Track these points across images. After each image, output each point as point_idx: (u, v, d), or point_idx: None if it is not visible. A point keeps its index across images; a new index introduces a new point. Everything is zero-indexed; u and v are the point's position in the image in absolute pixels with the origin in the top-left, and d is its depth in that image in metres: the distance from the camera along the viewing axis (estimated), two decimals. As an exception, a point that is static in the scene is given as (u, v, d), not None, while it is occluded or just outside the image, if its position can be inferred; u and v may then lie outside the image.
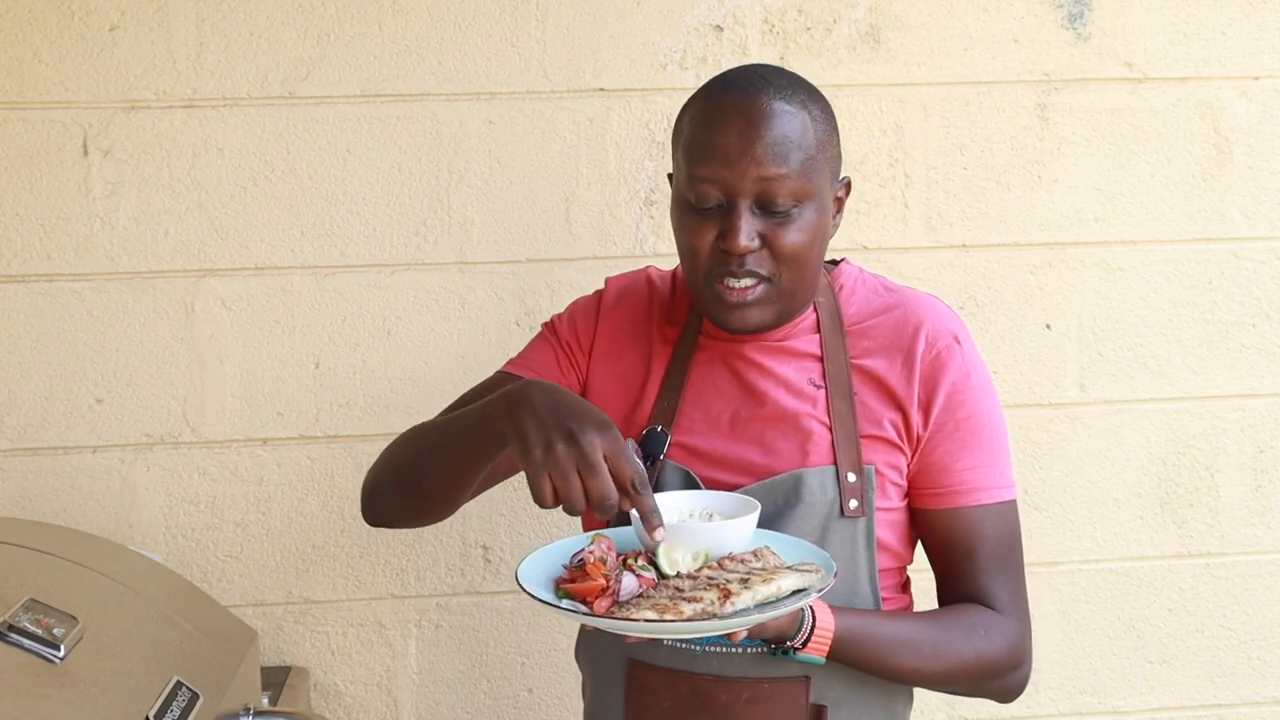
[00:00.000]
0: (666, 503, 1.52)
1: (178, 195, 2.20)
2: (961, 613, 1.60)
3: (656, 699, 1.58)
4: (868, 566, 1.58)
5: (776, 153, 1.50)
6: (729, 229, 1.51)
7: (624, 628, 1.36)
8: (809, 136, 1.53)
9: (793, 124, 1.52)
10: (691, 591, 1.38)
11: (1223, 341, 2.37)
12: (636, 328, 1.70)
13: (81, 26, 2.16)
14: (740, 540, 1.46)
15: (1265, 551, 2.41)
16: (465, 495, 1.60)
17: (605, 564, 1.42)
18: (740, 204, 1.51)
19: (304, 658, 2.28)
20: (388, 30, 2.20)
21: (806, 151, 1.52)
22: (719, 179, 1.51)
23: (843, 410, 1.59)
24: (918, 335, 1.60)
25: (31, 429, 2.21)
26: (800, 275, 1.55)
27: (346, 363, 2.24)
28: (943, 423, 1.59)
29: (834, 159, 1.58)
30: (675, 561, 1.43)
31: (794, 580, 1.40)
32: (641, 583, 1.41)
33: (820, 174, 1.54)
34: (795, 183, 1.51)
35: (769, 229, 1.52)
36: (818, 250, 1.56)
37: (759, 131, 1.50)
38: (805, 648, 1.49)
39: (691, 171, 1.53)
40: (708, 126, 1.53)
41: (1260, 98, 2.34)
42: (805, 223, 1.53)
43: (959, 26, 2.29)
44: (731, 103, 1.53)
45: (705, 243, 1.53)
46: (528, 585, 1.42)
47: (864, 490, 1.57)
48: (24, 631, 1.46)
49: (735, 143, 1.50)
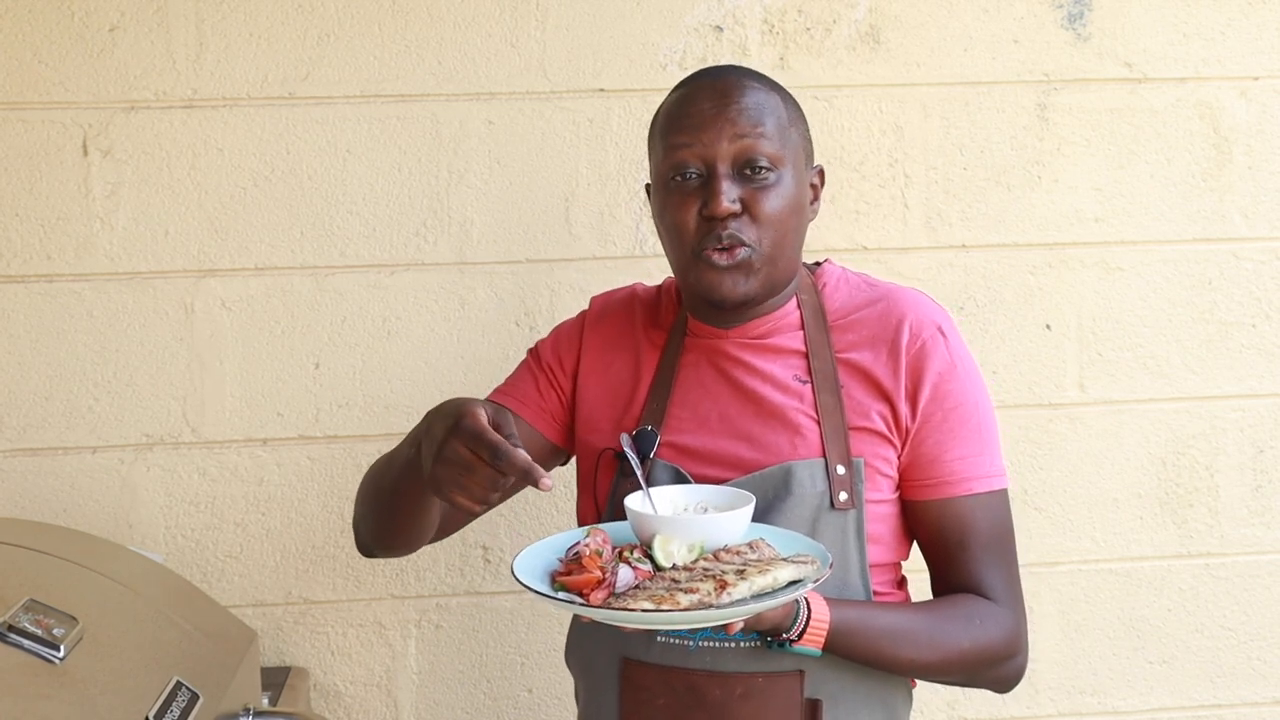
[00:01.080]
0: (661, 497, 1.53)
1: (178, 195, 2.20)
2: (957, 602, 1.60)
3: (651, 696, 1.58)
4: (859, 559, 1.58)
5: (751, 116, 1.57)
6: (710, 195, 1.56)
7: (620, 618, 1.36)
8: (780, 109, 1.60)
9: (764, 96, 1.60)
10: (688, 583, 1.38)
11: (1223, 341, 2.37)
12: (623, 338, 1.72)
13: (81, 26, 2.16)
14: (735, 533, 1.47)
15: (1265, 551, 2.41)
16: (432, 520, 1.62)
17: (601, 557, 1.43)
18: (719, 168, 1.56)
19: (304, 658, 2.28)
20: (388, 30, 2.20)
21: (779, 119, 1.59)
22: (695, 143, 1.57)
23: (829, 404, 1.59)
24: (901, 327, 1.61)
25: (31, 429, 2.21)
26: (780, 243, 1.58)
27: (346, 363, 2.24)
28: (931, 413, 1.59)
29: (805, 140, 1.64)
30: (671, 554, 1.44)
31: (790, 571, 1.40)
32: (637, 575, 1.41)
33: (794, 146, 1.60)
34: (771, 145, 1.57)
35: (748, 193, 1.56)
36: (796, 220, 1.60)
37: (732, 98, 1.58)
38: (801, 639, 1.49)
39: (669, 142, 1.59)
40: (681, 104, 1.61)
41: (1260, 98, 2.34)
42: (783, 189, 1.58)
43: (959, 26, 2.29)
44: (704, 82, 1.62)
45: (689, 216, 1.57)
46: (523, 578, 1.43)
47: (853, 483, 1.57)
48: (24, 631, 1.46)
49: (710, 109, 1.58)
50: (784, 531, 1.52)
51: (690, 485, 1.57)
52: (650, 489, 1.54)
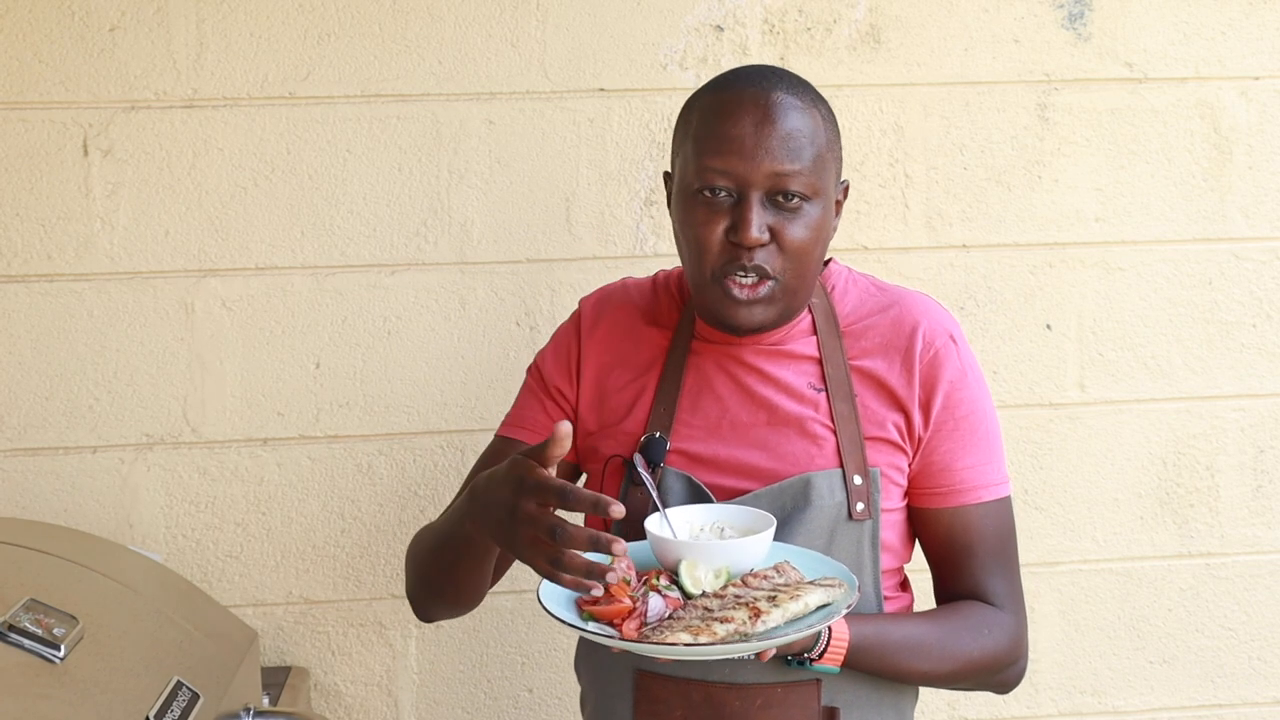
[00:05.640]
0: (677, 518, 1.51)
1: (178, 195, 2.20)
2: (965, 611, 1.60)
3: (668, 709, 1.57)
4: (872, 569, 1.58)
5: (791, 146, 1.50)
6: (740, 221, 1.50)
7: (661, 651, 1.34)
8: (820, 134, 1.53)
9: (805, 120, 1.52)
10: (721, 611, 1.37)
11: (1223, 341, 2.37)
12: (624, 339, 1.68)
13: (81, 26, 2.16)
14: (760, 555, 1.46)
15: (1265, 551, 2.41)
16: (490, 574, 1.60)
17: (629, 585, 1.41)
18: (752, 196, 1.50)
19: (304, 658, 2.28)
20: (388, 30, 2.20)
21: (817, 148, 1.53)
22: (731, 170, 1.50)
23: (845, 413, 1.58)
24: (915, 335, 1.60)
25: (31, 429, 2.21)
26: (803, 274, 1.54)
27: (346, 363, 2.24)
28: (943, 422, 1.59)
29: (838, 160, 1.59)
30: (698, 580, 1.43)
31: (819, 595, 1.41)
32: (668, 603, 1.40)
33: (828, 173, 1.55)
34: (807, 178, 1.51)
35: (777, 223, 1.51)
36: (820, 249, 1.56)
37: (774, 124, 1.50)
38: (822, 658, 1.49)
39: (703, 163, 1.52)
40: (721, 118, 1.52)
41: (1260, 98, 2.34)
42: (812, 219, 1.53)
43: (959, 26, 2.29)
44: (746, 95, 1.52)
45: (714, 236, 1.52)
46: (551, 608, 1.41)
47: (870, 493, 1.57)
48: (24, 631, 1.46)
49: (750, 134, 1.50)
50: (807, 552, 1.51)
51: (707, 505, 1.55)
52: (667, 510, 1.52)
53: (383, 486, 2.27)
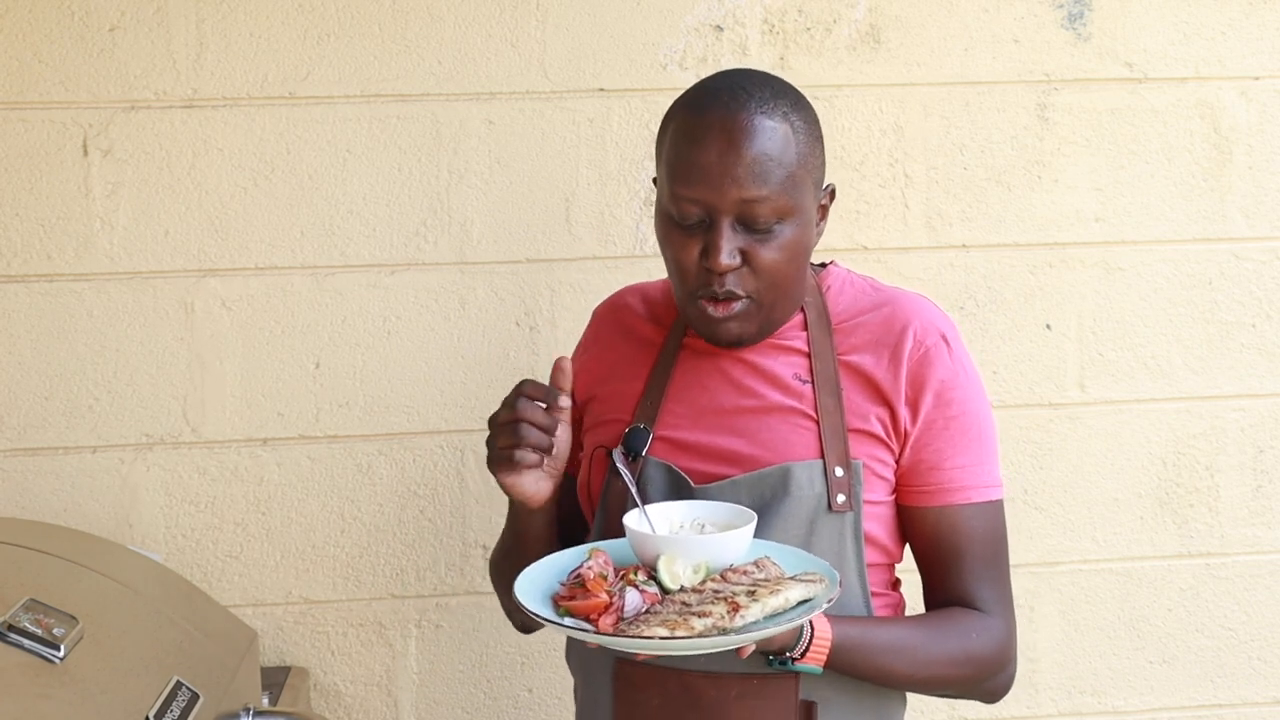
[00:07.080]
0: (658, 514, 1.51)
1: (178, 195, 2.20)
2: (952, 617, 1.60)
3: (646, 697, 1.57)
4: (856, 562, 1.58)
5: (757, 172, 1.50)
6: (710, 247, 1.52)
7: (635, 645, 1.34)
8: (790, 152, 1.53)
9: (774, 140, 1.52)
10: (699, 606, 1.37)
11: (1223, 341, 2.37)
12: (620, 346, 1.72)
13: (81, 26, 2.16)
14: (739, 551, 1.46)
15: (1265, 551, 2.41)
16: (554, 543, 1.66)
17: (605, 579, 1.41)
18: (722, 221, 1.52)
19: (304, 658, 2.28)
20: (388, 30, 2.20)
21: (787, 168, 1.52)
22: (700, 199, 1.52)
23: (830, 405, 1.59)
24: (905, 333, 1.61)
25: (31, 429, 2.21)
26: (780, 292, 1.57)
27: (346, 363, 2.24)
28: (932, 420, 1.59)
29: (817, 169, 1.58)
30: (676, 575, 1.42)
31: (800, 591, 1.40)
32: (645, 598, 1.40)
33: (802, 189, 1.55)
34: (776, 201, 1.52)
35: (750, 245, 1.53)
36: (798, 265, 1.58)
37: (739, 151, 1.50)
38: (804, 658, 1.48)
39: (674, 190, 1.54)
40: (690, 143, 1.53)
41: (1260, 98, 2.34)
42: (786, 240, 1.54)
43: (959, 26, 2.29)
44: (714, 120, 1.52)
45: (689, 258, 1.55)
46: (526, 602, 1.41)
47: (851, 485, 1.57)
48: (24, 631, 1.46)
49: (715, 162, 1.51)
50: (787, 548, 1.51)
51: (687, 501, 1.55)
52: (646, 506, 1.52)
53: (382, 486, 2.27)
